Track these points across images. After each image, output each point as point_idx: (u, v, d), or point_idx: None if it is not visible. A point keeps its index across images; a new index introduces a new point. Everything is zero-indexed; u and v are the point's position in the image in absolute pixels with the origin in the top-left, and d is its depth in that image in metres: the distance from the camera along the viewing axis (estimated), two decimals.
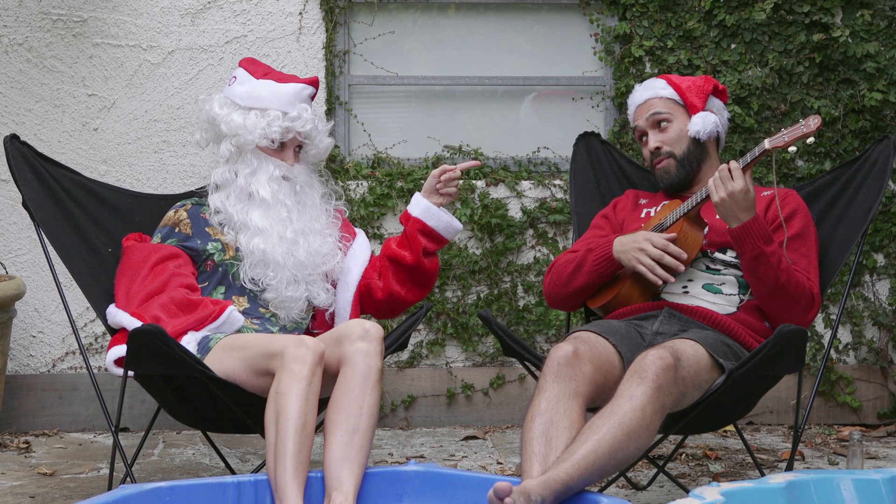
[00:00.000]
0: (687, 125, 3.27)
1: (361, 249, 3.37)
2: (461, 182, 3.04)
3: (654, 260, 3.06)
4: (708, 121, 3.26)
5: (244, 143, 3.23)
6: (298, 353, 2.76)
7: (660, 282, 3.07)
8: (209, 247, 3.24)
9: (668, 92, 3.30)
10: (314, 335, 3.18)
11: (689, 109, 3.28)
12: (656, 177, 3.32)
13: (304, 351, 2.77)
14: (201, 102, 3.33)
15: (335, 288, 3.32)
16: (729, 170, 2.98)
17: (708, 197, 3.09)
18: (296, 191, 3.28)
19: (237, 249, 3.24)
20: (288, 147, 3.29)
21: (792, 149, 3.05)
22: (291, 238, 3.21)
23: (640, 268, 3.08)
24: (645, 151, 3.33)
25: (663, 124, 3.28)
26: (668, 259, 3.06)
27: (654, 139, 3.29)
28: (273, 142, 3.25)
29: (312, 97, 3.34)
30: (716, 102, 3.34)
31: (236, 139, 3.24)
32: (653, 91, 3.33)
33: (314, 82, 3.34)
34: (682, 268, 3.08)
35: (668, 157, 3.26)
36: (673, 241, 3.10)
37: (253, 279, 3.21)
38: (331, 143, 3.38)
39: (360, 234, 3.41)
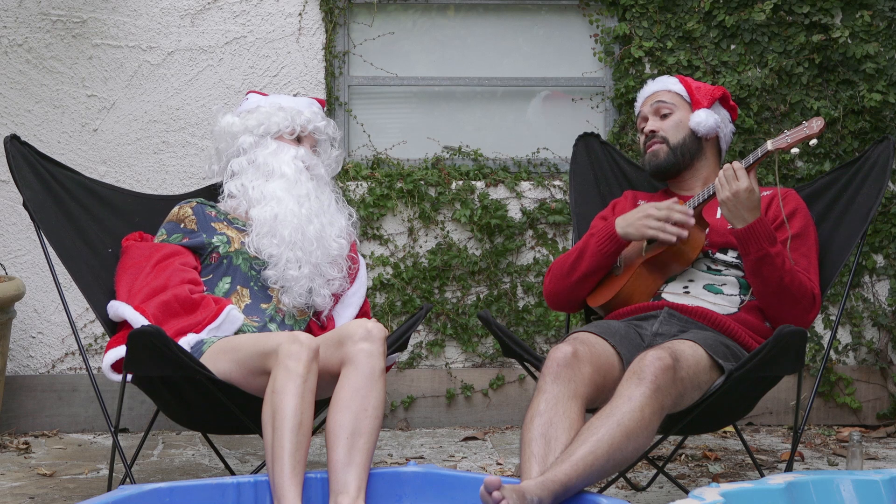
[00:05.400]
0: (688, 118, 3.30)
1: (364, 277, 3.45)
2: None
3: (662, 221, 3.08)
4: (710, 118, 3.29)
5: (266, 130, 3.33)
6: (293, 350, 2.75)
7: (673, 239, 3.06)
8: (214, 239, 3.25)
9: (678, 88, 3.36)
10: None
11: (694, 106, 3.31)
12: (645, 161, 3.34)
13: (297, 347, 2.76)
14: (215, 114, 3.44)
15: (336, 302, 3.34)
16: (733, 169, 3.00)
17: (710, 197, 3.10)
18: (314, 181, 3.34)
19: (245, 231, 3.26)
20: (304, 143, 3.39)
21: (795, 150, 3.05)
22: (305, 215, 3.25)
23: (650, 232, 3.08)
24: (640, 137, 3.37)
25: (664, 113, 3.32)
26: (676, 216, 3.07)
27: (651, 124, 3.33)
28: (293, 132, 3.35)
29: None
30: (722, 112, 3.38)
31: (259, 129, 3.33)
32: (662, 84, 3.39)
33: (321, 102, 3.51)
34: (692, 221, 3.09)
35: (662, 141, 3.30)
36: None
37: (258, 249, 3.23)
38: (341, 156, 3.50)
39: (362, 264, 3.47)
